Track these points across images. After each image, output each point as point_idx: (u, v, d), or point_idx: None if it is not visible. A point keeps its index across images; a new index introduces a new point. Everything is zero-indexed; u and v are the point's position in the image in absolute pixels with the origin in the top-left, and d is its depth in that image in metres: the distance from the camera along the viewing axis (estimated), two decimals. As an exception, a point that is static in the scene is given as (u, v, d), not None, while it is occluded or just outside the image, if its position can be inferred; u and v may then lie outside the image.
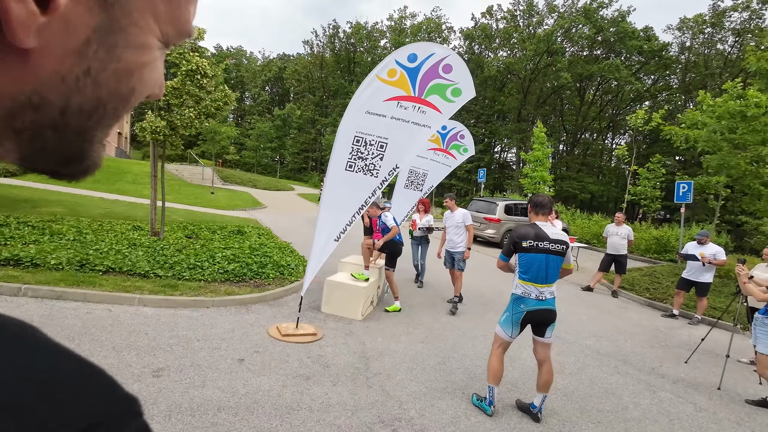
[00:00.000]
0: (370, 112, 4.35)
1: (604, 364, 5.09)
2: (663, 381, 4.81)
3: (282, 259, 7.33)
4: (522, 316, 3.31)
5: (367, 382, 3.73)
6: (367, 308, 5.72)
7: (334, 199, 4.57)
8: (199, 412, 2.80)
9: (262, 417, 2.88)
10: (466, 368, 4.39)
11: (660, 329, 6.98)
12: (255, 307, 5.39)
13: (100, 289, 4.85)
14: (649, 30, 35.14)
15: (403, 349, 4.64)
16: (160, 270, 5.73)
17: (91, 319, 4.16)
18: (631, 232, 9.00)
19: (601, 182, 36.08)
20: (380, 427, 3.02)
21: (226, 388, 3.19)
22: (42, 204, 10.21)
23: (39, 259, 5.28)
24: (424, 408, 3.41)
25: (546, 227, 3.37)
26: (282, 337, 4.46)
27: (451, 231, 6.66)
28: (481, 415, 3.45)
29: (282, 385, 3.40)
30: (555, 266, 3.31)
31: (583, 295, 8.77)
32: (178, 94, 7.37)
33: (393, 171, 4.45)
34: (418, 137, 4.41)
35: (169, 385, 3.10)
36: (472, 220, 6.64)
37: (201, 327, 4.41)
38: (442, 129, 7.51)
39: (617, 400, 4.14)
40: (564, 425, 3.48)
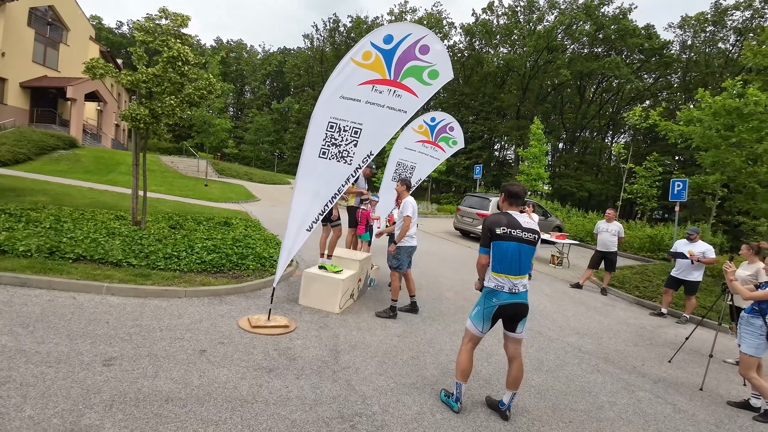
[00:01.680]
0: (344, 97, 4.20)
1: (584, 362, 4.98)
2: (643, 380, 4.69)
3: (265, 251, 7.20)
4: (494, 310, 3.18)
5: (333, 375, 3.61)
6: (347, 301, 5.60)
7: (308, 188, 4.43)
8: (144, 403, 2.68)
9: (212, 409, 2.76)
10: (440, 363, 4.27)
11: (646, 327, 6.86)
12: (230, 298, 5.26)
13: (67, 276, 4.72)
14: (651, 28, 34.88)
15: (377, 343, 4.52)
16: (133, 259, 5.60)
17: (51, 307, 4.03)
18: (621, 229, 8.87)
19: (600, 181, 35.92)
20: (338, 423, 2.90)
21: (179, 380, 3.06)
22: (27, 193, 10.07)
23: (7, 246, 5.15)
24: (388, 403, 3.29)
25: (518, 216, 3.24)
26: (251, 329, 4.34)
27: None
28: (447, 411, 3.33)
29: (240, 377, 3.27)
30: (528, 256, 3.18)
31: (572, 292, 8.65)
32: (159, 82, 7.22)
33: (367, 158, 4.30)
34: (394, 123, 4.26)
35: (118, 375, 2.97)
36: (412, 212, 5.38)
37: (168, 317, 4.29)
38: (431, 121, 7.37)
39: (593, 399, 4.02)
40: (533, 424, 3.36)
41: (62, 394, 2.64)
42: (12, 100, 21.13)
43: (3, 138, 17.51)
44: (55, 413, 2.44)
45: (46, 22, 22.87)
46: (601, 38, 35.64)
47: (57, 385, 2.74)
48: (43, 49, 22.93)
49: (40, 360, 3.01)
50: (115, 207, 9.75)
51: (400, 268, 5.45)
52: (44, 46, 22.98)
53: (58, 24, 23.63)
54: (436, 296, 6.79)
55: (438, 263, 9.60)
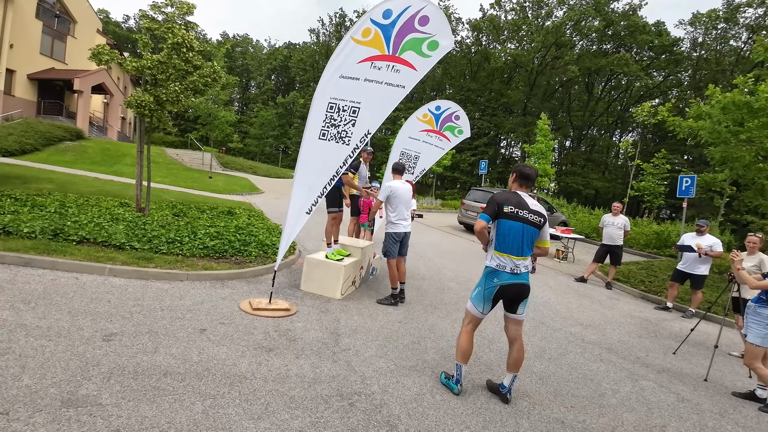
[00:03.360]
0: (344, 76, 4.17)
1: (587, 351, 4.93)
2: (647, 370, 4.64)
3: (267, 239, 7.19)
4: (495, 290, 3.14)
5: (333, 356, 3.60)
6: (348, 288, 5.58)
7: (308, 171, 4.41)
8: (142, 376, 2.67)
9: (210, 384, 2.75)
10: (441, 348, 4.25)
11: (650, 320, 6.79)
12: (231, 282, 5.26)
13: (70, 257, 4.74)
14: (661, 25, 34.45)
15: (378, 327, 4.50)
16: (137, 243, 5.61)
17: (54, 286, 4.04)
18: (627, 222, 8.77)
19: (606, 179, 35.63)
20: (336, 400, 2.88)
21: (178, 356, 3.06)
22: (33, 181, 10.14)
23: (12, 227, 5.17)
24: (388, 384, 3.27)
25: (527, 198, 3.20)
26: (252, 311, 4.33)
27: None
28: (447, 393, 3.30)
29: (240, 355, 3.26)
30: (531, 238, 3.13)
31: (576, 285, 8.58)
32: (164, 69, 7.22)
33: (365, 137, 4.27)
34: (392, 99, 4.22)
35: (118, 350, 2.97)
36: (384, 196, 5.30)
37: (169, 298, 4.29)
38: (436, 110, 7.31)
39: (595, 386, 3.97)
40: (534, 408, 3.33)
41: (61, 366, 2.64)
42: (19, 92, 21.28)
43: (10, 129, 17.66)
44: (52, 383, 2.44)
45: (54, 14, 22.98)
46: (610, 35, 35.25)
47: (56, 357, 2.74)
48: (51, 42, 23.05)
49: (40, 334, 3.02)
50: (120, 195, 9.80)
51: (388, 254, 5.36)
52: (52, 38, 23.11)
53: (65, 16, 23.74)
54: (439, 286, 6.76)
55: (441, 255, 9.56)
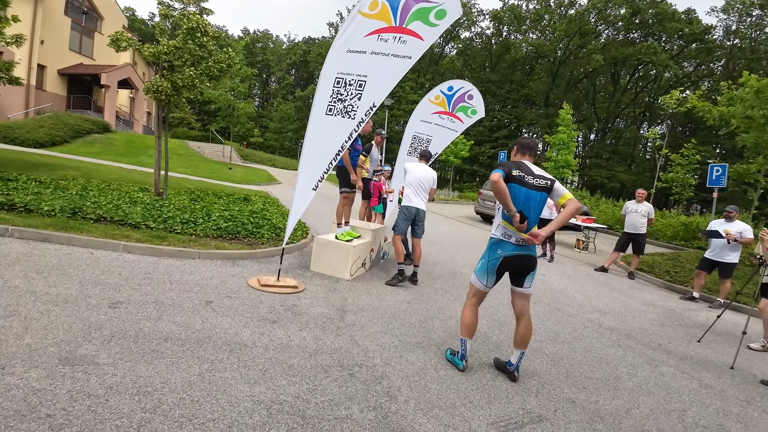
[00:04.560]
0: (351, 51, 4.11)
1: (603, 336, 4.73)
2: (668, 357, 4.41)
3: (281, 222, 7.23)
4: (498, 262, 3.02)
5: (337, 330, 3.56)
6: (358, 269, 5.54)
7: (314, 147, 4.38)
8: (143, 340, 2.69)
9: (210, 350, 2.75)
10: (449, 328, 4.15)
11: (675, 310, 6.48)
12: (243, 261, 5.30)
13: (87, 234, 4.86)
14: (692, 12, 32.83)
15: (385, 306, 4.44)
16: (152, 222, 5.71)
17: (68, 259, 4.14)
18: (652, 209, 8.40)
19: (633, 172, 34.41)
20: (336, 370, 2.83)
21: (181, 324, 3.07)
22: (60, 168, 10.50)
23: (32, 205, 5.34)
24: (390, 358, 3.20)
25: (530, 164, 3.05)
26: (260, 287, 4.34)
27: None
28: (451, 369, 3.21)
29: (243, 326, 3.26)
30: (538, 206, 2.98)
31: (596, 275, 8.29)
32: (179, 54, 7.31)
33: (370, 111, 4.19)
34: (398, 70, 4.13)
35: (122, 316, 3.01)
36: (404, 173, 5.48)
37: (179, 273, 4.34)
38: (448, 90, 7.15)
39: (611, 370, 3.80)
40: (543, 387, 3.20)
41: (63, 328, 2.69)
42: (50, 87, 22.11)
43: (41, 121, 18.39)
44: (53, 343, 2.48)
45: (82, 11, 23.74)
46: (637, 23, 33.87)
47: (60, 320, 2.79)
48: (79, 38, 23.83)
49: (48, 300, 3.09)
50: (141, 182, 10.03)
51: (396, 229, 5.41)
52: (80, 34, 23.88)
53: (92, 13, 24.49)
54: (451, 272, 6.64)
55: (455, 243, 9.42)
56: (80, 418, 1.84)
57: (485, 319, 4.59)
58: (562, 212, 2.93)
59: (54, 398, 1.95)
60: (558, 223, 2.92)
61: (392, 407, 2.50)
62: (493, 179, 2.81)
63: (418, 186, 5.42)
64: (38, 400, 1.92)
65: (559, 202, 2.99)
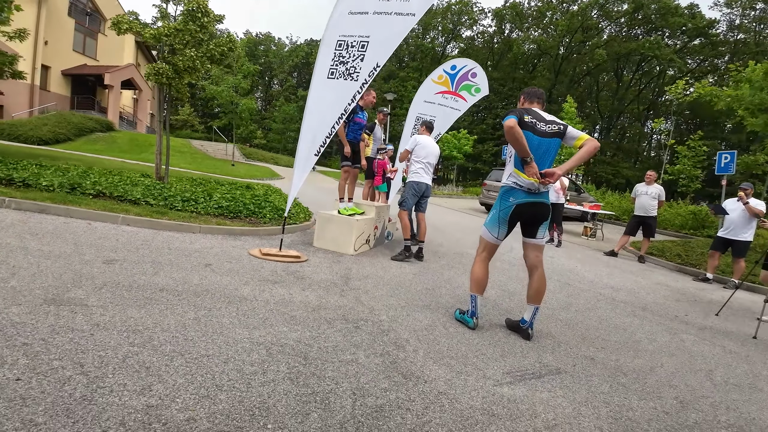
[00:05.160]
0: (352, 12, 4.00)
1: (618, 308, 4.55)
2: (687, 327, 4.22)
3: (283, 205, 7.11)
4: (510, 210, 2.86)
5: (341, 292, 3.41)
6: (362, 245, 5.39)
7: (316, 112, 4.26)
8: (137, 290, 2.56)
9: (207, 300, 2.61)
10: (457, 295, 3.99)
11: (688, 289, 6.28)
12: (244, 237, 5.17)
13: (85, 207, 4.75)
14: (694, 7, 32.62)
15: (390, 276, 4.29)
16: (152, 199, 5.60)
17: (65, 227, 4.03)
18: (662, 191, 8.20)
19: (638, 168, 34.09)
20: (340, 323, 2.69)
21: (178, 279, 2.94)
22: (62, 160, 10.46)
23: (31, 180, 5.25)
24: (397, 316, 3.05)
25: (540, 111, 2.91)
26: (261, 256, 4.21)
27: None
28: (462, 327, 3.05)
29: (243, 283, 3.12)
30: (551, 152, 2.82)
31: (606, 258, 8.09)
32: (181, 37, 7.23)
33: (373, 71, 4.06)
34: (401, 29, 4.00)
35: (117, 270, 2.88)
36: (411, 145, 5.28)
37: (178, 242, 4.22)
38: (452, 69, 7.02)
39: (629, 335, 3.62)
40: (559, 346, 3.03)
41: (53, 276, 2.56)
42: (54, 87, 22.20)
43: (45, 120, 18.45)
44: (40, 287, 2.35)
45: (86, 12, 23.87)
46: (640, 19, 33.70)
47: (51, 270, 2.66)
48: (83, 39, 23.95)
49: (40, 255, 2.96)
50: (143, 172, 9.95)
51: (403, 204, 5.28)
52: (83, 35, 24.00)
53: (96, 14, 24.62)
54: (457, 251, 6.49)
55: (461, 231, 9.27)
56: (60, 348, 1.70)
57: (495, 289, 4.43)
58: (580, 150, 2.78)
59: (34, 330, 1.81)
60: (577, 159, 2.77)
61: (400, 355, 2.35)
62: (508, 125, 2.64)
63: (428, 162, 5.32)
64: (16, 331, 1.78)
65: (575, 145, 2.83)
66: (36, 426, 1.20)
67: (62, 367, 1.54)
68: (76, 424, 1.24)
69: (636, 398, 2.32)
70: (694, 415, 2.24)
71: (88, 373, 1.52)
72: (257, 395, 1.62)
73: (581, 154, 2.75)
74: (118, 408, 1.36)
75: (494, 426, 1.77)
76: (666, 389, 2.53)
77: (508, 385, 2.21)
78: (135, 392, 1.47)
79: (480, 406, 1.92)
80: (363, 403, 1.74)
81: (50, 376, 1.46)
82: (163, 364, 1.71)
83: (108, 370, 1.58)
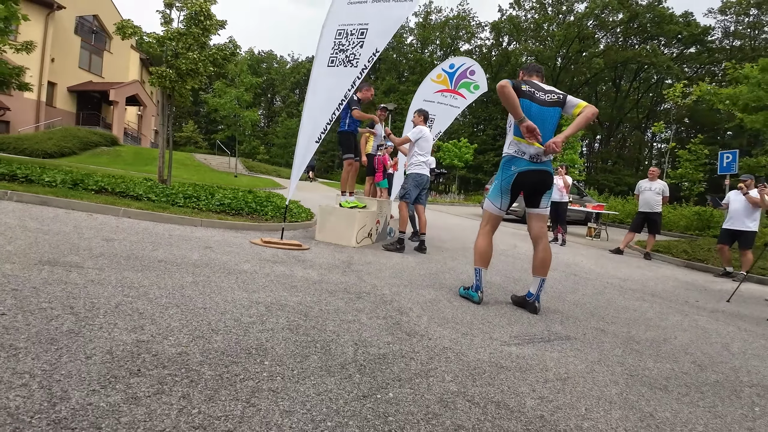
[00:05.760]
0: (351, 2, 4.06)
1: (626, 293, 4.45)
2: (698, 310, 4.11)
3: (284, 205, 7.07)
4: (513, 179, 2.82)
5: (343, 272, 3.35)
6: (364, 238, 5.33)
7: (317, 98, 4.27)
8: (135, 260, 2.51)
9: (206, 272, 2.55)
10: (461, 280, 3.90)
11: (698, 281, 6.16)
12: (246, 232, 5.13)
13: (87, 201, 4.73)
14: (689, 15, 33.07)
15: (393, 263, 4.22)
16: (153, 196, 5.59)
17: (66, 216, 4.01)
18: (666, 187, 8.13)
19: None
20: (342, 294, 2.62)
21: (178, 255, 2.89)
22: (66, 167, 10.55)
23: (34, 176, 5.26)
24: (400, 291, 2.98)
25: (539, 83, 2.89)
26: (263, 243, 4.16)
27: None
28: (466, 302, 2.97)
29: (244, 261, 3.07)
30: (551, 121, 2.79)
31: (611, 256, 7.97)
32: (184, 41, 7.35)
33: (372, 57, 4.09)
34: (399, 14, 4.05)
35: (116, 246, 2.84)
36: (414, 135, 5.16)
37: (179, 232, 4.18)
38: (450, 68, 7.08)
39: (639, 314, 3.52)
40: (567, 319, 2.94)
41: (49, 246, 2.52)
42: (60, 103, 22.57)
43: (50, 134, 18.68)
44: (36, 252, 2.31)
45: (91, 30, 24.44)
46: (635, 27, 34.16)
47: (47, 241, 2.63)
48: (89, 56, 24.46)
49: (38, 231, 2.93)
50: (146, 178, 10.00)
51: (406, 197, 5.21)
52: (89, 53, 24.52)
53: (101, 32, 25.20)
54: (462, 246, 6.42)
55: (464, 230, 9.22)
56: (51, 295, 1.65)
57: (498, 275, 4.35)
58: (578, 117, 2.75)
59: (25, 281, 1.77)
60: (576, 126, 2.73)
61: (403, 318, 2.27)
62: (501, 84, 2.64)
63: (428, 153, 5.30)
64: (6, 280, 1.73)
65: (574, 113, 2.80)
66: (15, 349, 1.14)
67: (51, 308, 1.49)
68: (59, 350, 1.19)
69: (651, 361, 2.23)
70: (714, 375, 2.14)
71: (78, 314, 1.47)
72: (255, 339, 1.56)
73: (579, 120, 2.73)
74: (107, 341, 1.31)
75: (503, 375, 1.69)
76: (682, 355, 2.44)
77: (516, 345, 2.12)
78: (126, 330, 1.41)
79: (487, 359, 1.84)
80: (365, 351, 1.67)
81: (37, 314, 1.41)
82: (158, 311, 1.66)
83: (99, 312, 1.52)
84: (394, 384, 1.42)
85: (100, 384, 1.05)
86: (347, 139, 5.51)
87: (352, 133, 5.43)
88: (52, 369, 1.07)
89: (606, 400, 1.60)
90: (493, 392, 1.50)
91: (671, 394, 1.78)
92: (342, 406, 1.20)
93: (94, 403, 0.97)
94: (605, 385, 1.77)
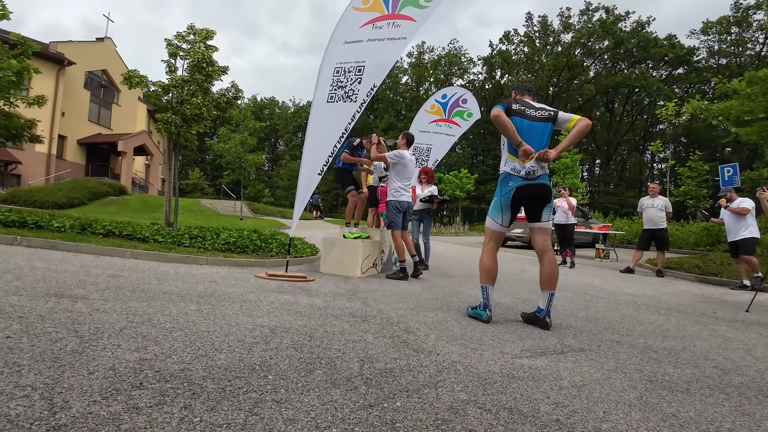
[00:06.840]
0: (348, 42, 4.29)
1: (641, 308, 4.34)
2: (716, 320, 3.99)
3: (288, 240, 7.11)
4: (511, 194, 2.84)
5: (348, 299, 3.31)
6: (369, 268, 5.31)
7: (318, 134, 4.41)
8: (139, 292, 2.52)
9: (211, 300, 2.54)
10: (470, 302, 3.84)
11: (713, 294, 6.01)
12: (251, 267, 5.13)
13: (95, 244, 4.80)
14: (673, 38, 34.30)
15: (399, 290, 4.18)
16: (160, 237, 5.66)
17: (73, 257, 4.05)
18: (668, 203, 8.11)
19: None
20: (348, 317, 2.58)
21: (183, 288, 2.89)
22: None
23: (43, 222, 5.36)
24: (407, 314, 2.93)
25: (530, 101, 2.99)
26: (267, 276, 4.15)
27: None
28: (475, 321, 2.91)
29: (249, 291, 3.06)
30: (541, 137, 2.85)
31: (622, 275, 7.83)
32: (188, 87, 7.70)
33: (371, 92, 4.26)
34: (394, 51, 4.25)
35: (121, 281, 2.85)
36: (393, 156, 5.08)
37: (185, 269, 4.19)
38: (442, 98, 7.31)
39: (655, 327, 3.42)
40: (580, 333, 2.87)
41: (56, 282, 2.54)
42: (70, 156, 23.33)
43: (60, 186, 19.17)
44: (43, 287, 2.33)
45: (100, 84, 25.67)
46: (622, 53, 35.36)
47: (55, 278, 2.65)
48: (98, 109, 25.54)
49: (46, 269, 2.96)
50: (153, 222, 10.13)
51: (392, 225, 5.13)
52: (98, 106, 25.63)
53: (110, 86, 26.44)
54: (467, 273, 6.35)
55: (470, 258, 9.15)
56: (56, 321, 1.66)
57: (507, 297, 4.29)
58: (572, 131, 2.81)
59: (32, 310, 1.77)
60: (570, 139, 2.79)
61: (411, 337, 2.23)
62: (494, 114, 2.74)
63: (410, 179, 5.26)
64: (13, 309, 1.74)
65: (569, 127, 2.87)
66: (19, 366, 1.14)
67: (56, 332, 1.48)
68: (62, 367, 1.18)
69: (671, 367, 2.15)
70: (739, 378, 2.05)
71: (82, 337, 1.46)
72: (258, 357, 1.54)
73: (573, 134, 2.80)
74: (110, 359, 1.29)
75: (515, 384, 1.63)
76: (702, 361, 2.35)
77: (528, 357, 2.06)
78: (129, 350, 1.40)
79: (498, 371, 1.79)
80: (371, 366, 1.63)
81: (42, 337, 1.41)
82: (161, 334, 1.65)
83: (103, 335, 1.52)
84: (401, 394, 1.37)
85: (102, 395, 1.04)
86: (343, 175, 5.63)
87: (347, 169, 5.56)
88: (54, 383, 1.06)
89: (625, 404, 1.53)
90: (505, 399, 1.45)
91: (694, 396, 1.70)
92: (348, 414, 1.17)
93: (95, 412, 0.95)
94: (623, 390, 1.70)
